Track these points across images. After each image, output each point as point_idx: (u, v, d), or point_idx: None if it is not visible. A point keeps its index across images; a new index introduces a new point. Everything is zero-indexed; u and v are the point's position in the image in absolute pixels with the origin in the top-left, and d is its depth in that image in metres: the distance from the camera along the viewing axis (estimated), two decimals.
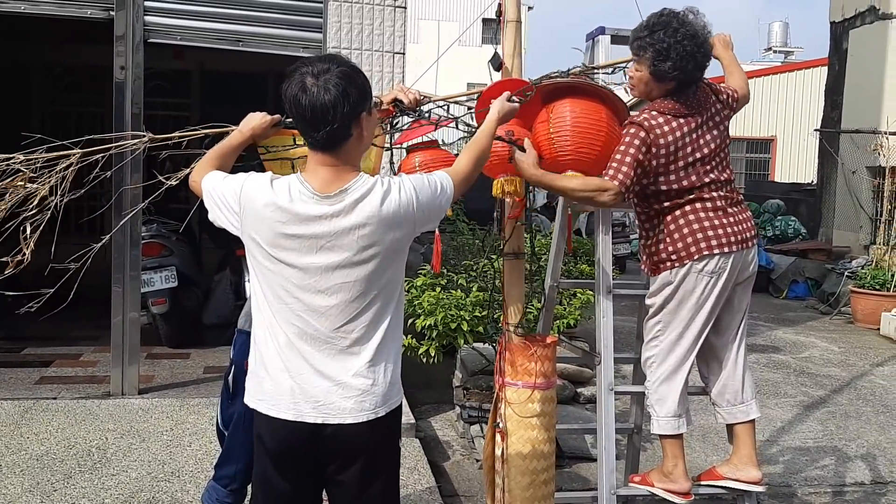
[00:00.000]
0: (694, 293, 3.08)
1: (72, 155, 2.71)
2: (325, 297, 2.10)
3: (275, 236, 2.09)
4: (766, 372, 7.16)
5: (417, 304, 4.85)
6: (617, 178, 2.94)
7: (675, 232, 3.09)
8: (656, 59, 2.97)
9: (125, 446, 4.39)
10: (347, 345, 2.13)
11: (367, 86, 2.13)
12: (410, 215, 2.13)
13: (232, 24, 5.08)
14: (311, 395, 2.12)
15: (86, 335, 6.53)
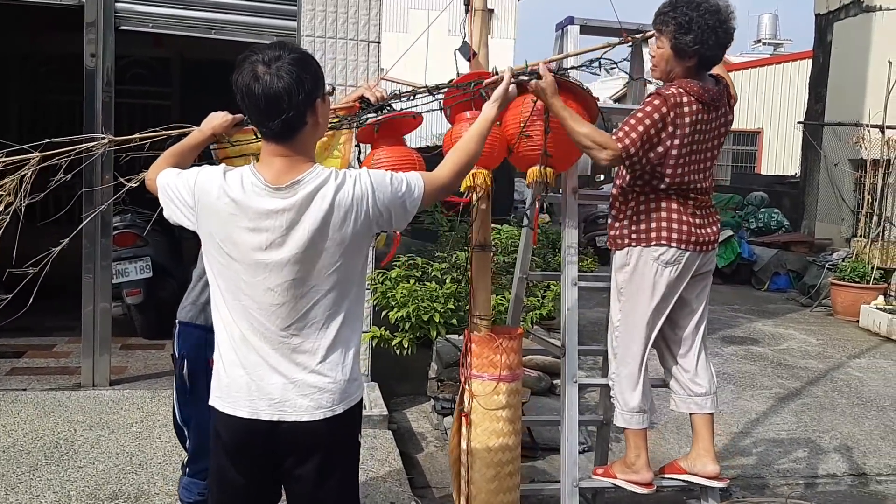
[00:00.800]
0: (647, 278, 3.10)
1: (30, 160, 2.67)
2: (275, 294, 2.06)
3: (227, 230, 2.05)
4: (744, 364, 7.18)
5: (391, 297, 4.82)
6: (623, 141, 2.93)
7: (644, 213, 3.11)
8: (678, 31, 2.96)
9: (93, 438, 4.35)
10: (301, 341, 2.09)
11: (320, 72, 2.08)
12: (364, 211, 2.06)
13: (205, 11, 5.02)
14: (266, 391, 2.09)
15: (61, 325, 6.46)
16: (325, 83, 2.14)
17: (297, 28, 5.05)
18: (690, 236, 3.08)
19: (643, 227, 3.09)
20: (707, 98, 3.00)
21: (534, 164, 3.07)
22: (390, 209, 2.11)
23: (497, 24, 35.62)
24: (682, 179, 3.06)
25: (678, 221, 3.07)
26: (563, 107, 2.94)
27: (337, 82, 5.10)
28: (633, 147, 2.93)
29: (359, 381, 2.20)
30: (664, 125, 2.95)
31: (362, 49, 5.13)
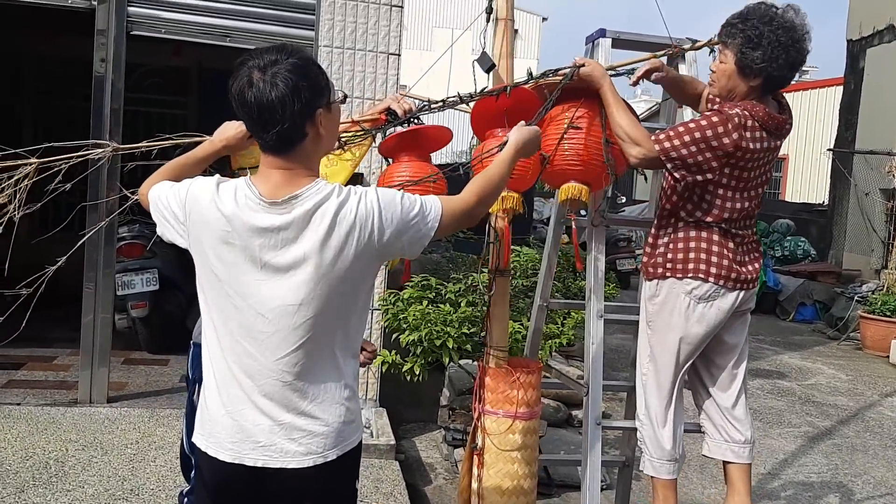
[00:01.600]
0: (677, 313, 2.84)
1: (28, 165, 2.50)
2: (266, 321, 1.82)
3: (217, 247, 1.83)
4: (770, 399, 6.87)
5: (402, 319, 4.58)
6: (662, 144, 2.68)
7: (681, 243, 2.85)
8: (745, 45, 2.69)
9: (85, 459, 4.14)
10: (292, 378, 1.85)
11: (322, 79, 1.85)
12: (368, 232, 1.81)
13: (220, 18, 4.86)
14: (250, 433, 1.85)
15: (64, 337, 6.28)
16: (334, 90, 1.91)
17: (314, 38, 4.88)
18: (731, 272, 2.81)
19: (679, 257, 2.83)
20: (772, 125, 2.74)
21: (569, 179, 2.84)
22: (400, 233, 1.86)
23: (521, 44, 35.62)
24: (731, 215, 2.80)
25: (718, 255, 2.80)
26: (612, 90, 2.74)
27: (355, 94, 4.92)
28: (674, 153, 2.66)
29: (356, 423, 1.96)
30: (718, 145, 2.66)
31: (381, 61, 4.94)
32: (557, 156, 2.75)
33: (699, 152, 2.67)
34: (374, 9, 4.89)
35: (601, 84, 2.77)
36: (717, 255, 2.81)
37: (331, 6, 4.84)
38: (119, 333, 5.92)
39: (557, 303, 3.88)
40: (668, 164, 2.69)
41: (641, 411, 2.99)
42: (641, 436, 2.98)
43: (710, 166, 2.69)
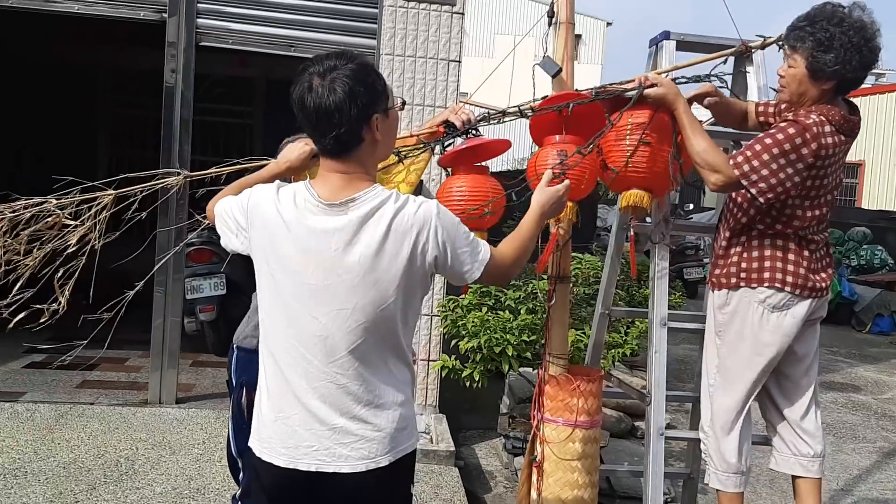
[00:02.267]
0: (749, 323, 2.76)
1: (106, 196, 2.66)
2: (320, 324, 1.84)
3: (276, 249, 1.87)
4: (844, 413, 6.62)
5: (462, 325, 4.58)
6: (742, 168, 2.61)
7: (756, 251, 2.77)
8: (816, 49, 2.62)
9: (154, 458, 4.26)
10: (345, 381, 1.86)
11: (380, 84, 1.88)
12: (423, 242, 1.83)
13: (285, 28, 4.95)
14: (303, 438, 1.88)
15: (136, 339, 6.44)
16: (393, 96, 1.94)
17: (377, 46, 4.93)
18: (807, 281, 2.73)
19: (753, 266, 2.76)
20: (847, 128, 2.66)
21: (631, 186, 2.80)
22: (449, 254, 1.88)
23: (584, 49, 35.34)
24: (808, 223, 2.73)
25: (794, 263, 2.72)
26: (688, 111, 2.69)
27: (415, 101, 4.95)
28: (754, 175, 2.58)
29: (409, 430, 1.96)
30: (798, 157, 2.58)
31: (442, 68, 4.96)
32: (621, 164, 2.71)
33: (780, 169, 2.58)
34: (434, 16, 4.92)
35: (675, 106, 2.72)
36: (792, 263, 2.73)
37: (392, 15, 4.88)
38: (188, 336, 6.07)
39: (620, 311, 3.81)
40: (751, 190, 2.61)
41: (706, 423, 2.91)
42: (706, 448, 2.91)
43: (792, 182, 2.62)
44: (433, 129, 2.83)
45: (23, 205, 2.64)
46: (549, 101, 2.76)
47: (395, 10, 4.89)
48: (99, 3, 4.82)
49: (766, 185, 2.60)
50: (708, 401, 2.92)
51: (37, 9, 4.82)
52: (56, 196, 2.65)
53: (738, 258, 2.80)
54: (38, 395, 5.18)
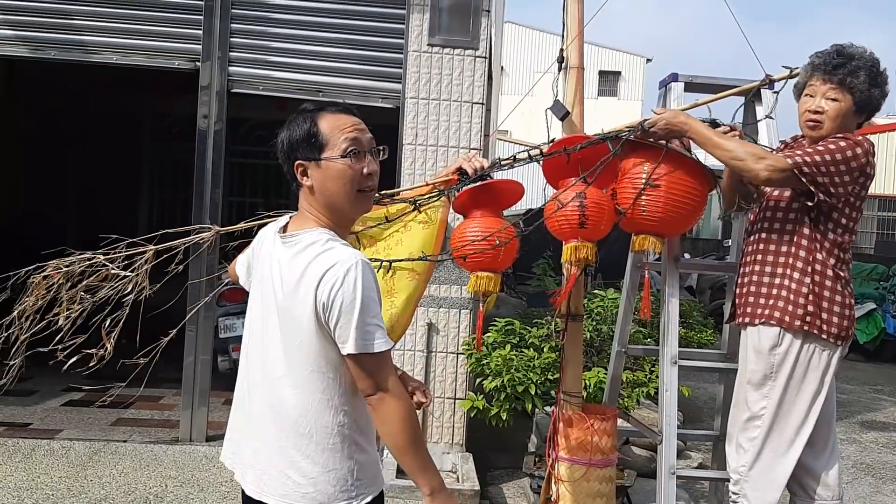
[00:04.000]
0: (815, 368, 2.71)
1: (147, 251, 2.95)
2: (267, 351, 1.95)
3: (261, 280, 2.03)
4: (885, 453, 6.42)
5: (486, 364, 4.60)
6: (794, 159, 2.60)
7: (827, 291, 2.70)
8: (870, 83, 2.67)
9: (182, 495, 4.33)
10: (275, 413, 1.91)
11: (308, 133, 1.91)
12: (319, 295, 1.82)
13: (314, 74, 5.11)
14: (250, 463, 1.99)
15: (170, 377, 6.57)
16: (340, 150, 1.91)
17: (401, 90, 5.05)
18: (852, 322, 2.74)
19: (823, 306, 2.69)
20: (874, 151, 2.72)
21: (644, 230, 2.81)
22: (339, 315, 1.81)
23: (623, 85, 35.43)
24: (852, 235, 2.74)
25: (850, 307, 2.71)
26: (701, 125, 2.72)
27: (440, 143, 5.05)
28: (806, 168, 2.57)
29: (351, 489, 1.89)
30: (847, 165, 2.60)
31: (466, 110, 5.05)
32: (635, 210, 2.74)
33: (833, 173, 2.60)
34: (458, 60, 5.03)
35: (686, 128, 2.73)
36: (849, 307, 2.72)
37: (416, 60, 5.01)
38: (221, 375, 6.18)
39: (637, 349, 3.81)
40: (803, 178, 2.59)
41: (743, 465, 2.80)
42: (742, 490, 2.79)
43: (842, 180, 2.61)
44: (447, 177, 2.90)
45: (76, 259, 2.92)
46: (557, 145, 2.82)
47: (419, 55, 5.02)
48: (135, 53, 5.03)
49: (816, 179, 2.59)
50: (747, 447, 2.79)
51: (78, 60, 5.06)
52: (104, 252, 2.93)
53: (795, 294, 2.70)
54: (74, 432, 5.31)
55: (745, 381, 2.81)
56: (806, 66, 2.79)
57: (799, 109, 2.79)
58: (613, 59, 35.51)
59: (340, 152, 1.91)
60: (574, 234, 2.76)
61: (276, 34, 5.09)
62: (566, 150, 2.77)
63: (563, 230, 2.78)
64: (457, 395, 5.04)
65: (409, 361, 5.00)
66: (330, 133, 1.91)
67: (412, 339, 4.99)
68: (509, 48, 31.87)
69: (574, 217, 2.72)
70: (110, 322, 2.82)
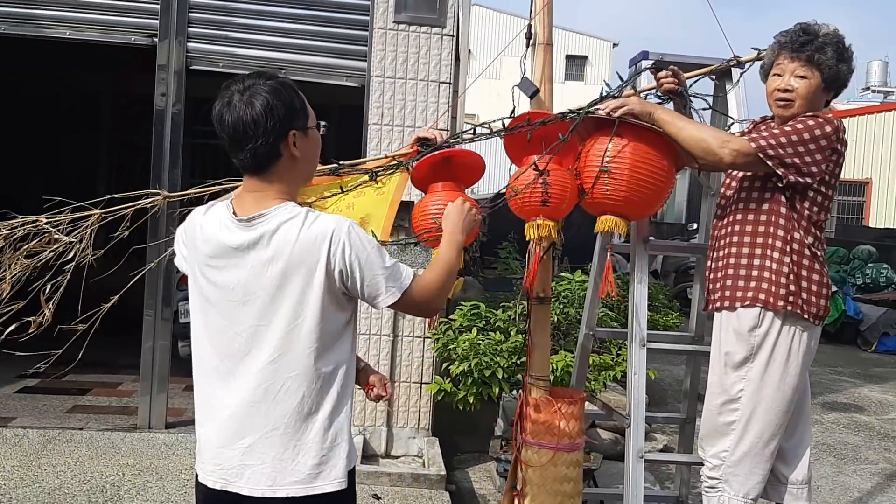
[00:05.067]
0: (796, 351, 2.68)
1: (92, 215, 2.81)
2: (242, 340, 1.86)
3: (203, 268, 1.91)
4: (847, 434, 6.52)
5: (452, 349, 4.54)
6: (759, 143, 2.57)
7: (805, 270, 2.67)
8: (839, 59, 2.64)
9: (140, 484, 4.22)
10: (269, 399, 1.85)
11: (299, 102, 1.90)
12: (325, 263, 1.81)
13: (276, 51, 4.96)
14: (228, 456, 1.88)
15: (130, 363, 6.44)
16: (314, 118, 1.96)
17: (367, 69, 4.94)
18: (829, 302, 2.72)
19: (802, 286, 2.66)
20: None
21: (607, 210, 2.75)
22: (358, 274, 1.84)
23: (591, 70, 35.46)
24: (827, 215, 2.72)
25: (828, 286, 2.69)
26: (664, 110, 2.67)
27: (406, 123, 4.95)
28: (771, 151, 2.55)
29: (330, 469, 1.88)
30: (817, 148, 2.57)
31: (433, 90, 4.96)
32: (597, 189, 2.68)
33: (802, 152, 2.58)
34: (424, 38, 4.93)
35: (650, 111, 2.69)
36: (826, 286, 2.70)
37: (382, 37, 4.89)
38: (181, 360, 6.04)
39: (604, 332, 3.77)
40: (768, 162, 2.57)
41: (725, 450, 2.75)
42: (724, 475, 2.74)
43: (814, 159, 2.59)
44: (407, 150, 2.82)
45: (19, 222, 2.78)
46: (520, 118, 2.75)
47: (384, 32, 4.90)
48: (89, 28, 4.85)
49: (781, 162, 2.57)
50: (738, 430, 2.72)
51: (29, 35, 4.86)
52: (48, 215, 2.78)
53: (775, 275, 2.66)
54: (28, 420, 5.16)
55: (723, 364, 2.75)
56: (772, 46, 2.75)
57: (767, 89, 2.75)
58: (580, 43, 35.50)
59: (315, 122, 1.94)
60: (536, 212, 2.71)
61: (238, 9, 4.94)
62: (529, 122, 2.69)
63: (525, 208, 2.72)
64: (423, 379, 4.98)
65: (374, 346, 4.92)
66: (306, 103, 1.93)
67: (378, 324, 4.91)
68: (477, 31, 31.71)
69: (537, 195, 2.66)
70: (51, 288, 2.70)
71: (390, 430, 4.98)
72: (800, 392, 2.76)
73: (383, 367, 4.91)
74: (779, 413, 2.68)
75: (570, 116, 2.72)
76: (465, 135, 2.80)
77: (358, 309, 2.00)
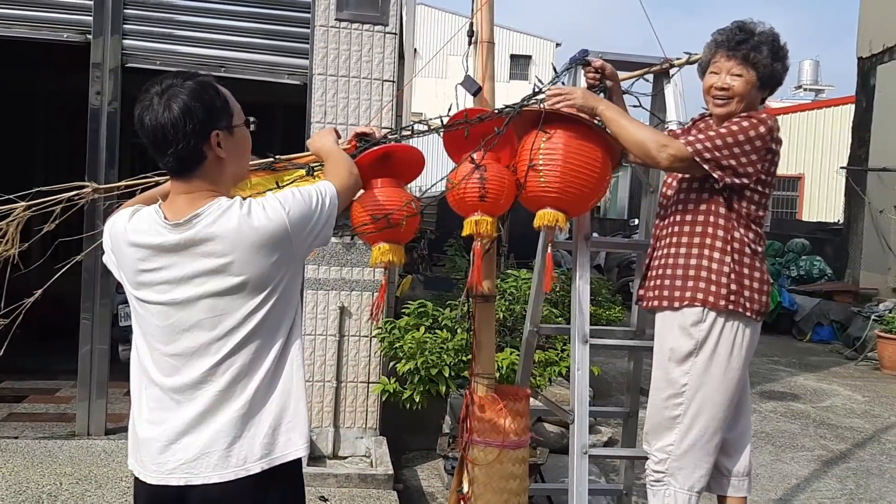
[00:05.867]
0: (739, 346, 2.72)
1: (18, 208, 2.68)
2: (190, 336, 1.86)
3: (135, 274, 1.89)
4: (784, 422, 6.72)
5: (399, 347, 4.53)
6: (695, 146, 2.59)
7: (746, 268, 2.72)
8: (774, 58, 2.68)
9: (78, 493, 4.10)
10: (218, 389, 1.86)
11: (220, 102, 1.88)
12: (282, 234, 1.84)
13: (215, 49, 4.87)
14: (174, 451, 1.88)
15: (68, 369, 6.25)
16: (241, 115, 1.94)
17: (309, 66, 4.89)
18: (770, 297, 2.79)
19: (745, 284, 2.70)
20: None
21: (545, 205, 2.76)
22: (310, 226, 1.91)
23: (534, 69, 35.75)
24: (765, 216, 2.77)
25: (768, 283, 2.75)
26: (610, 106, 2.71)
27: (350, 121, 4.91)
28: (708, 154, 2.58)
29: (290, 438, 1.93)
30: (752, 148, 2.60)
31: (376, 87, 4.93)
32: (532, 183, 2.69)
33: (738, 154, 2.61)
34: (367, 36, 4.90)
35: (594, 106, 2.71)
36: (766, 283, 2.75)
37: (324, 35, 4.85)
38: (123, 365, 5.89)
39: (548, 328, 3.81)
40: (704, 165, 2.60)
41: (670, 443, 2.78)
42: (669, 468, 2.77)
43: (750, 160, 2.62)
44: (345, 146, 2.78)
45: None
46: (458, 116, 2.75)
47: (326, 29, 4.86)
48: (19, 24, 4.69)
49: (717, 164, 2.60)
50: (671, 423, 2.77)
51: None
52: None
53: (718, 276, 2.69)
54: None
55: (667, 359, 2.78)
56: (709, 44, 2.80)
57: (704, 86, 2.79)
58: (525, 43, 35.81)
59: (243, 120, 1.93)
60: (475, 207, 2.71)
61: (175, 5, 4.83)
62: (466, 119, 2.70)
63: (463, 204, 2.72)
64: (370, 378, 4.96)
65: (320, 346, 4.88)
66: (232, 101, 1.91)
67: (324, 324, 4.87)
68: (424, 30, 31.67)
69: (474, 190, 2.67)
70: None
71: (337, 430, 4.95)
72: (741, 385, 2.82)
73: (329, 368, 4.88)
74: (723, 406, 2.73)
75: (505, 111, 2.73)
76: (404, 131, 2.79)
77: (303, 308, 2.01)
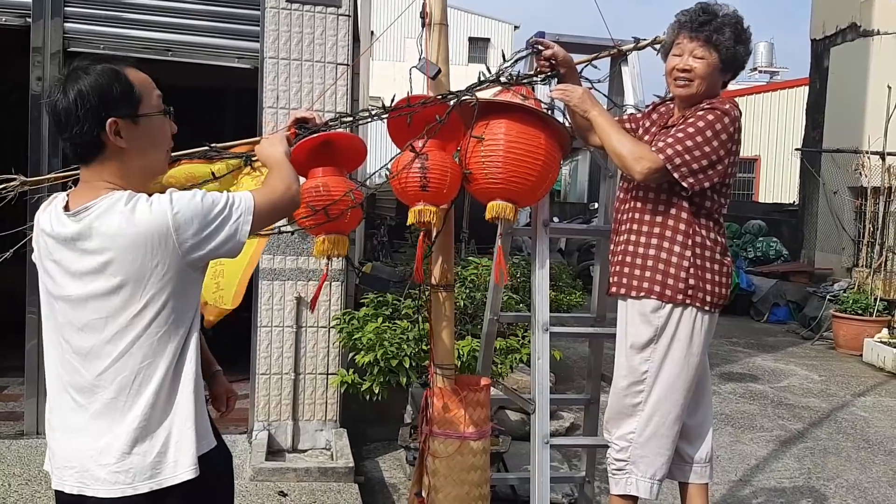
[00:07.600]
0: (698, 333, 2.71)
1: None
2: (84, 335, 1.80)
3: (45, 263, 1.85)
4: (743, 403, 6.79)
5: (357, 339, 4.44)
6: (666, 153, 2.56)
7: (707, 262, 2.70)
8: (735, 40, 2.64)
9: (28, 494, 3.96)
10: (110, 397, 1.79)
11: (120, 88, 1.79)
12: (162, 232, 1.73)
13: (161, 32, 4.70)
14: (71, 457, 1.81)
15: (16, 366, 6.05)
16: (152, 105, 1.85)
17: (260, 49, 4.74)
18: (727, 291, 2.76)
19: (706, 277, 2.69)
20: None
21: (493, 197, 2.69)
22: (205, 232, 1.78)
23: (493, 51, 35.67)
24: (726, 203, 2.74)
25: (729, 274, 2.74)
26: (602, 111, 2.68)
27: (304, 106, 4.78)
28: (678, 159, 2.55)
29: (179, 460, 1.82)
30: (720, 144, 2.59)
31: (330, 71, 4.81)
32: (478, 173, 2.63)
33: (708, 152, 2.58)
34: (319, 18, 4.77)
35: (588, 109, 2.70)
36: (727, 275, 2.74)
37: (275, 17, 4.71)
38: None
39: (508, 316, 3.76)
40: (675, 174, 2.57)
41: (632, 431, 2.76)
42: (631, 456, 2.76)
43: (718, 156, 2.61)
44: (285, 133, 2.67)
45: None
46: (401, 102, 2.67)
47: (277, 11, 4.72)
48: None
49: (689, 169, 2.58)
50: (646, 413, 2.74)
51: None
52: None
53: (677, 270, 2.67)
54: None
55: (628, 346, 2.76)
56: (672, 25, 2.76)
57: (666, 68, 2.76)
58: (483, 25, 35.68)
59: (157, 109, 1.84)
60: (417, 197, 2.64)
61: None
62: (409, 105, 2.62)
63: (405, 193, 2.65)
64: (329, 370, 4.87)
65: (277, 338, 4.77)
66: (142, 88, 1.82)
67: (280, 315, 4.76)
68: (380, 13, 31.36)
69: (415, 179, 2.60)
70: None
71: (296, 423, 4.86)
72: (701, 370, 2.80)
73: (287, 359, 4.77)
74: (683, 392, 2.72)
75: (448, 98, 2.66)
76: (345, 119, 2.70)
77: (260, 299, 1.92)
